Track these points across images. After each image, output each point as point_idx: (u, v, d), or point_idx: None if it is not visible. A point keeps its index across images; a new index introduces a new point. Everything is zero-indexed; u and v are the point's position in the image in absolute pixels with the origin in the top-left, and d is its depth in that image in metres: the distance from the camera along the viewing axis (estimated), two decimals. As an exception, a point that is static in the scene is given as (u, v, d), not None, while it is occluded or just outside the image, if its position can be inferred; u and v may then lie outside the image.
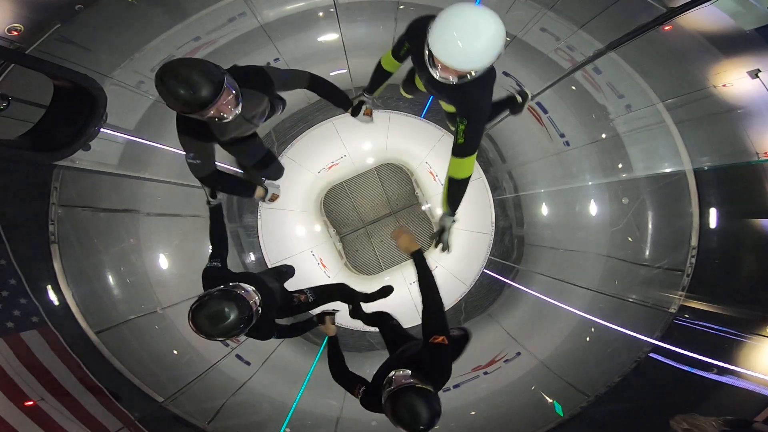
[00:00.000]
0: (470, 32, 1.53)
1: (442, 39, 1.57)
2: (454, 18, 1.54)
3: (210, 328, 1.70)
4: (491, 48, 1.56)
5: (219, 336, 1.74)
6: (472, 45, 1.54)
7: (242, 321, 1.77)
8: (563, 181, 3.98)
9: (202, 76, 1.54)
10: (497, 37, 1.55)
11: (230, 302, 1.77)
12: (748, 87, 2.47)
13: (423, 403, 1.60)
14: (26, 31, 2.16)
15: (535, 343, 3.79)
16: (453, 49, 1.56)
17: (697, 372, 2.62)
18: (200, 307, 1.72)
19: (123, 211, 3.28)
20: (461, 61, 1.58)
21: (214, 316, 1.71)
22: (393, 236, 2.03)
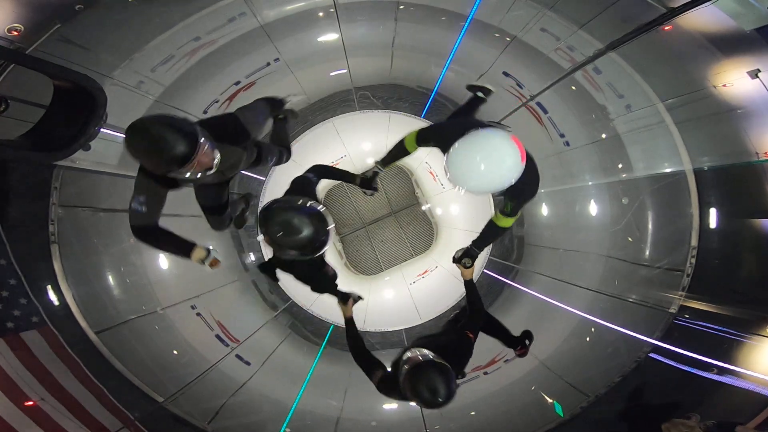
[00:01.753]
0: (490, 169, 1.63)
1: (464, 176, 1.68)
2: (474, 153, 1.65)
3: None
4: (510, 175, 1.65)
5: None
6: (493, 180, 1.66)
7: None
8: (563, 181, 3.98)
9: (174, 132, 1.42)
10: (515, 166, 1.64)
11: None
12: (748, 87, 2.47)
13: (441, 377, 1.69)
14: (26, 31, 2.16)
15: (535, 343, 3.78)
16: (476, 183, 1.68)
17: (697, 372, 2.63)
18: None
19: (123, 211, 3.28)
20: (483, 190, 1.74)
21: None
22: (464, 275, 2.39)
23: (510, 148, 1.63)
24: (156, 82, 3.16)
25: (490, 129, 1.74)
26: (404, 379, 1.72)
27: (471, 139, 1.68)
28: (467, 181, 1.67)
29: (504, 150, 1.63)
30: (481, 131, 1.70)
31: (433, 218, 6.54)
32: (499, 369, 3.78)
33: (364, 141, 5.67)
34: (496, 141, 1.64)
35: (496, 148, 1.63)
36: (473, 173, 1.65)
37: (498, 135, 1.67)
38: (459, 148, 1.69)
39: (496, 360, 3.85)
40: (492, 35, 3.51)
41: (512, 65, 3.70)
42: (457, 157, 1.69)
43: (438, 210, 6.32)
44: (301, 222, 1.60)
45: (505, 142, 1.64)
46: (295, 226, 1.60)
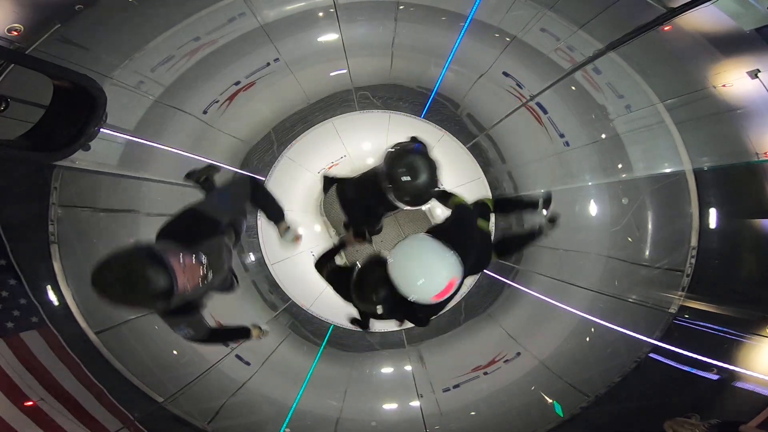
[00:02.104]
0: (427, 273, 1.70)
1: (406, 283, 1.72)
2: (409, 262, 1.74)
3: None
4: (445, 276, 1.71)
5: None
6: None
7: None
8: (563, 181, 3.98)
9: (141, 264, 1.21)
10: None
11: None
12: (748, 87, 2.47)
13: (423, 161, 1.85)
14: (26, 31, 2.16)
15: (535, 343, 3.79)
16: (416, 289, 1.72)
17: (697, 372, 2.62)
18: None
19: (123, 211, 3.28)
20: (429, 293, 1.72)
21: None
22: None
23: (441, 261, 1.71)
24: (156, 82, 3.16)
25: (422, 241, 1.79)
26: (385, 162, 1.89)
27: (405, 252, 1.77)
28: (414, 293, 1.72)
29: (437, 264, 1.70)
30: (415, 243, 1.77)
31: (433, 218, 6.53)
32: (499, 369, 3.78)
33: (364, 141, 5.67)
34: (429, 256, 1.73)
35: (430, 264, 1.71)
36: (414, 287, 1.71)
37: (428, 248, 1.74)
38: (396, 263, 1.76)
39: (496, 360, 3.85)
40: (492, 35, 3.51)
41: (512, 65, 3.70)
42: (398, 271, 1.75)
43: (438, 210, 6.32)
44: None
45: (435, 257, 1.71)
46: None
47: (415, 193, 1.91)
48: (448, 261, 1.72)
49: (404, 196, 1.92)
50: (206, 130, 3.76)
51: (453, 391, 3.70)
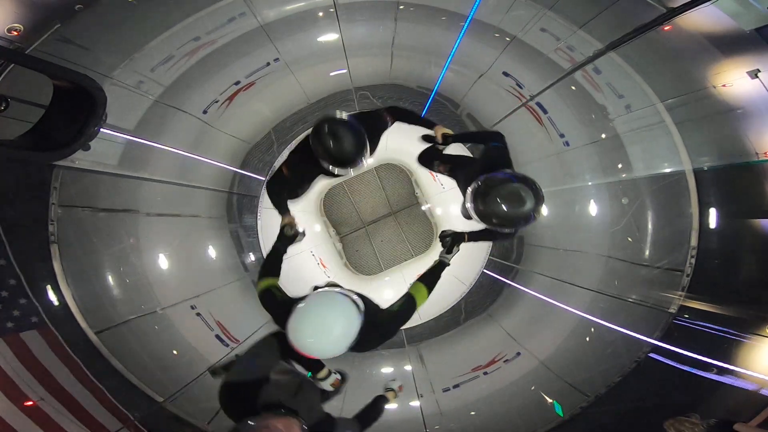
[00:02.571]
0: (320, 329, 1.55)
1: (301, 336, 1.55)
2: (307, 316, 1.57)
3: None
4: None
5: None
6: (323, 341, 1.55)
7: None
8: (563, 181, 3.98)
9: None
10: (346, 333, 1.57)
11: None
12: (748, 87, 2.47)
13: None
14: (26, 31, 2.16)
15: (535, 343, 3.79)
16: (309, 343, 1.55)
17: (697, 372, 2.63)
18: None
19: (123, 211, 3.28)
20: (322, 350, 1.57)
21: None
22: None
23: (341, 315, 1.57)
24: (156, 82, 3.16)
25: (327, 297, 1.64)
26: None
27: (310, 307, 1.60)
28: (298, 342, 1.55)
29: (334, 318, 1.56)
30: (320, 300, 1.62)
31: (433, 218, 6.54)
32: (499, 369, 3.78)
33: (363, 141, 5.67)
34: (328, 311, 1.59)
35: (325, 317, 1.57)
36: (302, 339, 1.54)
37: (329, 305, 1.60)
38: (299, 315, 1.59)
39: (496, 360, 3.85)
40: (492, 35, 3.51)
41: (512, 65, 3.70)
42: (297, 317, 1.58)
43: (438, 210, 6.32)
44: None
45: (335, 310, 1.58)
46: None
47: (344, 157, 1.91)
48: (342, 340, 1.56)
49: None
50: (206, 129, 3.76)
51: (453, 391, 3.70)
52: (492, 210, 1.68)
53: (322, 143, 1.92)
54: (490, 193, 1.68)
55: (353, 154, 1.92)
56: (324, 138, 1.91)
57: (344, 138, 1.89)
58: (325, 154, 1.93)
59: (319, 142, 1.93)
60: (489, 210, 1.69)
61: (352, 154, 1.92)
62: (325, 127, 1.91)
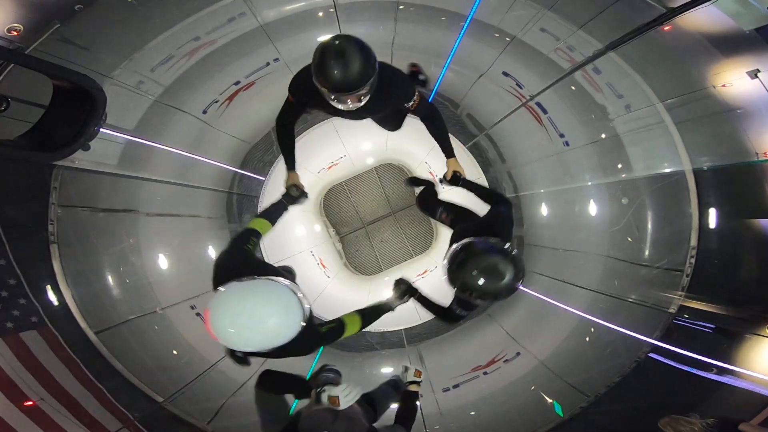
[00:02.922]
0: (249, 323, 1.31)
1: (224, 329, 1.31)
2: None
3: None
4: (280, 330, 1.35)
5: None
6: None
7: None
8: (563, 181, 3.98)
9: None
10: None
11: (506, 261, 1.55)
12: (748, 87, 2.47)
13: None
14: (26, 31, 2.16)
15: (535, 343, 3.79)
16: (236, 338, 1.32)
17: (697, 372, 2.63)
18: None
19: (123, 211, 3.28)
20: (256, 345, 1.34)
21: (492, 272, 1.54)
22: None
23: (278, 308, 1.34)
24: (156, 82, 3.16)
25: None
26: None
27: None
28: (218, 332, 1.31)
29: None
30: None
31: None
32: (499, 369, 3.78)
33: (364, 141, 5.68)
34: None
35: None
36: (222, 329, 1.30)
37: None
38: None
39: (495, 360, 3.85)
40: (492, 35, 3.51)
41: (512, 65, 3.70)
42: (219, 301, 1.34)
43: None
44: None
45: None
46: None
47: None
48: (270, 338, 1.32)
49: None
50: (206, 130, 3.76)
51: (453, 391, 3.70)
52: (465, 279, 1.60)
53: (323, 55, 1.65)
54: (468, 261, 1.60)
55: (355, 75, 1.61)
56: (327, 51, 1.63)
57: (349, 56, 1.60)
58: (321, 71, 1.65)
59: (320, 54, 1.66)
60: (462, 277, 1.61)
61: (354, 73, 1.60)
62: (334, 41, 1.64)
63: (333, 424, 1.73)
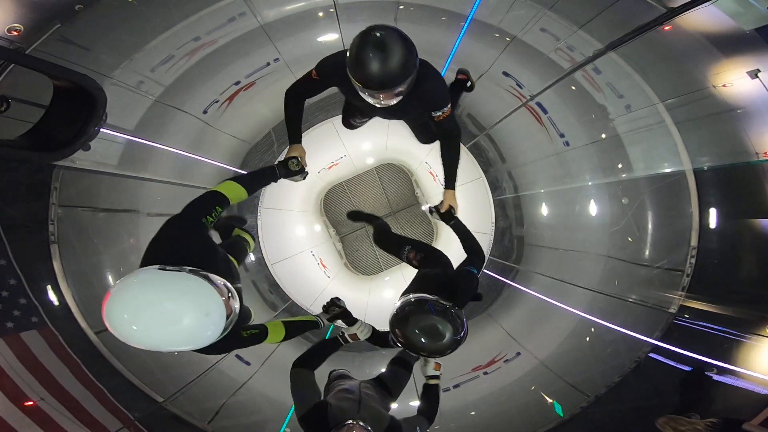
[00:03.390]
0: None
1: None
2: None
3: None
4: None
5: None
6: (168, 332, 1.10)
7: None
8: (563, 181, 3.98)
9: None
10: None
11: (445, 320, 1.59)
12: (748, 87, 2.47)
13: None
14: (26, 31, 2.16)
15: (535, 343, 3.79)
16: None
17: (697, 372, 2.63)
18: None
19: (123, 211, 3.28)
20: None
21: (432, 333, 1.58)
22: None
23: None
24: (156, 82, 3.16)
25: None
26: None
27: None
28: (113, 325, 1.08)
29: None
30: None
31: (433, 218, 6.54)
32: (499, 369, 3.78)
33: (363, 141, 5.68)
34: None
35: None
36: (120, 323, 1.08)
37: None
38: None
39: (496, 360, 3.85)
40: (492, 35, 3.51)
41: (512, 65, 3.70)
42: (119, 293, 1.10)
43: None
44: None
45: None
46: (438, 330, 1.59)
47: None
48: (181, 341, 1.11)
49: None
50: (206, 130, 3.76)
51: (453, 391, 3.70)
52: (405, 336, 1.62)
53: (362, 47, 1.47)
54: (409, 319, 1.61)
55: (394, 71, 1.48)
56: (366, 43, 1.46)
57: (390, 51, 1.44)
58: (357, 64, 1.47)
59: (358, 45, 1.48)
60: (404, 336, 1.63)
61: (393, 69, 1.47)
62: (375, 33, 1.47)
63: (358, 413, 1.76)
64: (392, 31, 1.45)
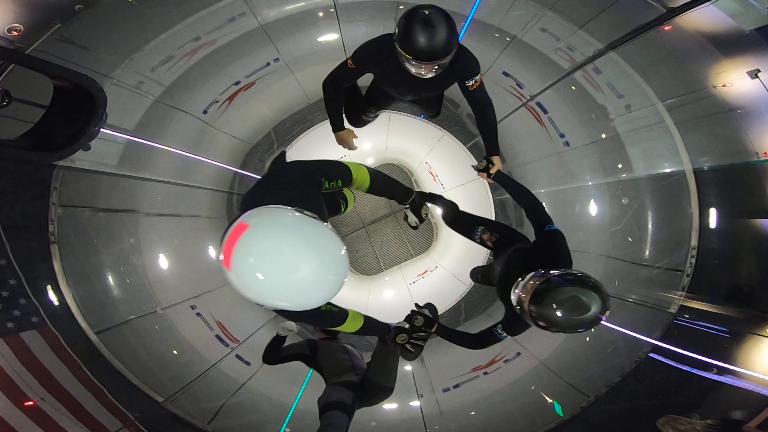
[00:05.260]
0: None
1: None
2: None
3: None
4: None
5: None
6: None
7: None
8: (563, 181, 3.98)
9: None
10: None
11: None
12: (748, 87, 2.47)
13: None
14: (26, 31, 2.16)
15: (535, 343, 3.79)
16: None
17: (697, 372, 2.63)
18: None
19: (123, 211, 3.28)
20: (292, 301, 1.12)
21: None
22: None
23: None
24: (156, 82, 3.16)
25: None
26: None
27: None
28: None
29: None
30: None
31: (433, 218, 6.54)
32: (499, 369, 3.78)
33: (364, 141, 5.66)
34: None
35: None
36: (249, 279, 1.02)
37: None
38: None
39: (496, 360, 3.85)
40: (492, 35, 3.51)
41: (512, 65, 3.70)
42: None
43: (438, 210, 6.32)
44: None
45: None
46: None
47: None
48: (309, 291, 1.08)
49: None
50: (206, 130, 3.76)
51: (453, 391, 3.70)
52: (547, 316, 1.47)
53: (412, 22, 1.67)
54: (545, 297, 1.46)
55: (441, 45, 1.68)
56: (416, 19, 1.66)
57: (438, 27, 1.66)
58: (408, 38, 1.66)
59: (408, 21, 1.67)
60: (544, 315, 1.47)
61: (440, 43, 1.68)
62: (423, 11, 1.68)
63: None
64: (438, 10, 1.67)
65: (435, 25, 1.65)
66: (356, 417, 3.65)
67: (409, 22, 1.65)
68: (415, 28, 1.64)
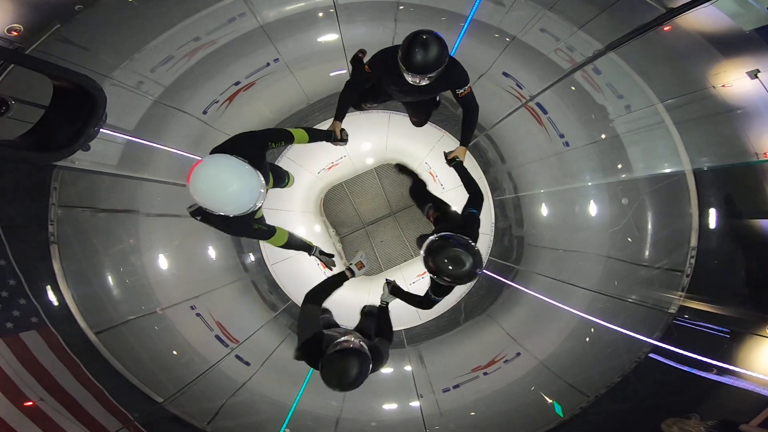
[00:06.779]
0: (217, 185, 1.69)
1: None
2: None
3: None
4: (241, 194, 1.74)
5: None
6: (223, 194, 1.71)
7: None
8: (563, 181, 3.98)
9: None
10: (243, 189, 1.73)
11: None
12: (748, 87, 2.47)
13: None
14: (26, 31, 2.16)
15: (535, 343, 3.79)
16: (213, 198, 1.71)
17: (697, 372, 2.63)
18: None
19: (122, 212, 3.28)
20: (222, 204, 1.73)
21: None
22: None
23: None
24: (156, 83, 3.16)
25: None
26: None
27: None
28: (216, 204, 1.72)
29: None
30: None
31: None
32: (499, 369, 3.78)
33: (364, 141, 5.67)
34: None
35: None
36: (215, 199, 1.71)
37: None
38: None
39: (495, 360, 3.85)
40: (492, 35, 3.51)
41: (512, 65, 3.70)
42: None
43: (438, 210, 6.31)
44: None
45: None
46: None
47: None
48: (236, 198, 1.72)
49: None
50: (206, 130, 3.76)
51: (453, 392, 3.70)
52: (437, 264, 1.99)
53: (413, 44, 2.04)
54: (440, 252, 1.98)
55: (431, 62, 2.04)
56: (416, 42, 2.03)
57: (430, 50, 2.02)
58: (407, 55, 2.04)
59: (410, 42, 2.05)
60: (436, 266, 2.00)
61: (431, 60, 2.04)
62: (422, 35, 2.05)
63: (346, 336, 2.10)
64: (433, 36, 2.03)
65: (429, 47, 2.02)
66: (356, 417, 3.66)
67: (410, 43, 2.04)
68: (413, 49, 2.02)
